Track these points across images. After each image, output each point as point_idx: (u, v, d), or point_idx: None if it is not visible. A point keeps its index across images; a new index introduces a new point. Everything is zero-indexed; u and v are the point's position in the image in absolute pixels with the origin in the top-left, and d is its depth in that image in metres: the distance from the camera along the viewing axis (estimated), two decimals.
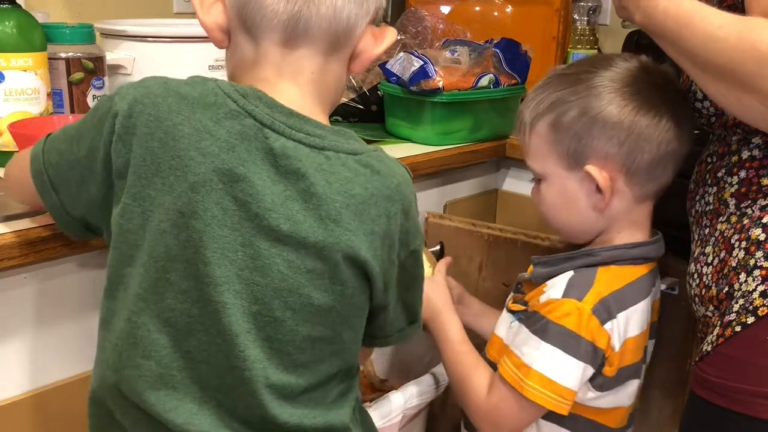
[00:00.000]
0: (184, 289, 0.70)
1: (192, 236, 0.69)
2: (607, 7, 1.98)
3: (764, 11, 0.73)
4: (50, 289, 0.90)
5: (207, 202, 0.68)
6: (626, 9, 0.85)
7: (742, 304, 0.81)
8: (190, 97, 0.69)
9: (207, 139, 0.68)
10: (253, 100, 0.70)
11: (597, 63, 0.95)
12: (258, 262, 0.70)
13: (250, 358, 0.71)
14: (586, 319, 0.88)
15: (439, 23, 1.58)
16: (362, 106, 1.48)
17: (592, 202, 0.94)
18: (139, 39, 1.25)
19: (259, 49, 0.72)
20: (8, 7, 1.04)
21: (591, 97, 0.91)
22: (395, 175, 0.75)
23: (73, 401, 0.94)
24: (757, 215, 0.83)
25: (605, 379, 0.91)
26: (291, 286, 0.71)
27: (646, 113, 0.90)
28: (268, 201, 0.68)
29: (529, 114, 0.97)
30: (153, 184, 0.68)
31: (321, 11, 0.70)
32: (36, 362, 0.91)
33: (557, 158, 0.94)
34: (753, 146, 0.86)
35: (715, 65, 0.75)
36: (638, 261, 0.95)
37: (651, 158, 0.91)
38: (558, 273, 0.95)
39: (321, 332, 0.74)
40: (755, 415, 0.79)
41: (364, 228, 0.72)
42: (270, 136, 0.69)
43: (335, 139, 0.72)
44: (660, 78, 0.93)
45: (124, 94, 0.71)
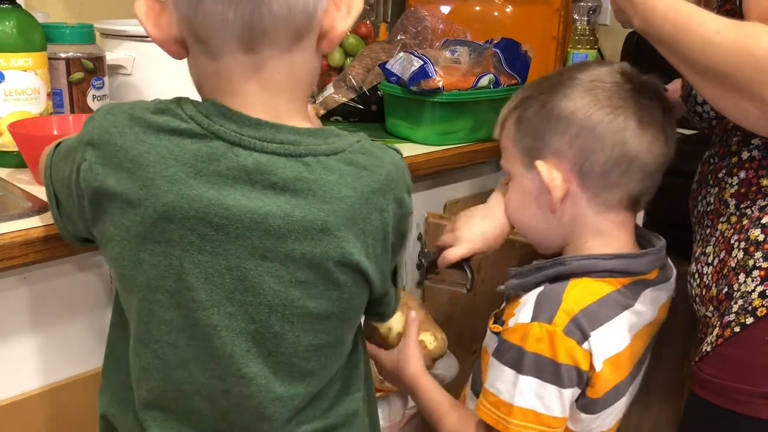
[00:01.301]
0: (167, 320, 0.69)
1: (172, 263, 0.67)
2: (607, 7, 1.98)
3: (762, 16, 0.74)
4: (50, 289, 0.90)
5: (182, 229, 0.66)
6: (625, 13, 0.85)
7: (741, 304, 0.81)
8: (155, 124, 0.66)
9: (173, 166, 0.65)
10: (217, 119, 0.66)
11: (575, 66, 0.93)
12: (247, 282, 0.68)
13: (250, 374, 0.71)
14: (560, 342, 0.82)
15: (439, 23, 1.58)
16: (362, 106, 1.48)
17: (544, 202, 0.89)
18: (139, 39, 1.25)
19: (218, 61, 0.67)
20: (8, 7, 1.04)
21: (552, 93, 0.88)
22: (383, 164, 0.72)
23: (74, 401, 0.94)
24: (756, 216, 0.84)
25: (589, 400, 0.86)
26: (285, 301, 0.69)
27: (601, 109, 0.85)
28: (246, 220, 0.66)
29: (503, 112, 0.95)
30: (126, 213, 0.67)
31: (274, 10, 0.64)
32: (35, 362, 0.91)
33: (519, 156, 0.91)
34: (752, 147, 0.86)
35: (713, 70, 0.75)
36: (615, 274, 0.88)
37: (604, 159, 0.85)
38: (530, 284, 0.89)
39: (323, 339, 0.73)
40: (754, 415, 0.79)
41: (355, 230, 0.70)
42: (240, 154, 0.66)
43: (312, 142, 0.68)
44: (635, 82, 0.88)
45: (96, 122, 0.70)
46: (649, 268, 0.91)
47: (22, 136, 0.98)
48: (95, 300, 0.94)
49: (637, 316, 0.89)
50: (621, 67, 0.90)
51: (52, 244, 0.85)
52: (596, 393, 0.84)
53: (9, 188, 1.00)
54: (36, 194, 0.95)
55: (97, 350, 0.94)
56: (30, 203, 0.92)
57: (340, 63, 1.60)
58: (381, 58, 1.48)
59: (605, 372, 0.83)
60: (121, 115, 0.68)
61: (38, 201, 0.93)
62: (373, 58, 1.50)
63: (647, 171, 0.88)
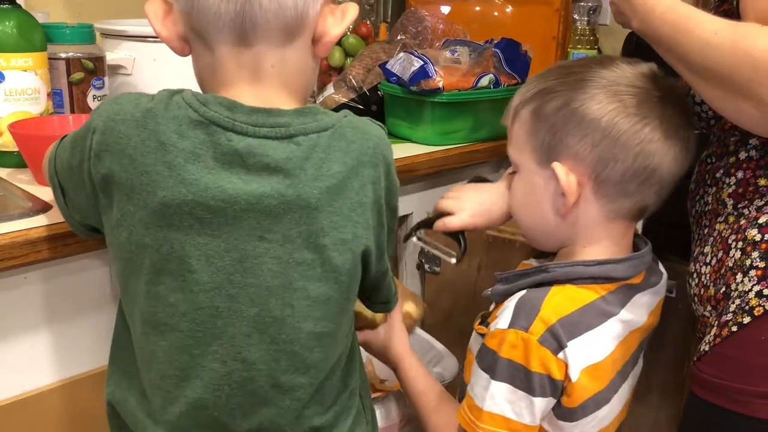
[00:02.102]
0: (172, 303, 0.71)
1: (174, 247, 0.69)
2: (607, 7, 1.98)
3: (759, 17, 0.74)
4: (50, 289, 0.90)
5: (181, 213, 0.68)
6: (624, 14, 0.85)
7: (738, 304, 0.81)
8: (156, 112, 0.69)
9: (172, 152, 0.68)
10: (213, 106, 0.69)
11: (599, 60, 0.88)
12: (246, 263, 0.70)
13: (250, 359, 0.72)
14: (534, 350, 0.81)
15: (439, 23, 1.58)
16: (362, 106, 1.48)
17: (555, 205, 0.86)
18: (139, 39, 1.25)
19: (214, 54, 0.71)
20: (8, 7, 1.05)
21: (576, 90, 0.84)
22: (371, 137, 0.75)
23: (74, 400, 0.94)
24: (754, 216, 0.84)
25: (565, 409, 0.84)
26: (284, 283, 0.71)
27: (627, 117, 0.81)
28: (242, 202, 0.68)
29: (517, 99, 0.91)
30: (131, 199, 0.69)
31: (264, 5, 0.68)
32: (35, 362, 0.91)
33: (531, 150, 0.87)
34: (750, 147, 0.86)
35: (711, 71, 0.75)
36: (599, 281, 0.86)
37: (624, 169, 0.82)
38: (514, 290, 0.87)
39: (325, 327, 0.74)
40: (753, 415, 0.79)
41: (349, 203, 0.72)
42: (233, 139, 0.68)
43: (302, 122, 0.71)
44: (661, 89, 0.85)
45: (101, 110, 0.72)
46: (633, 272, 0.89)
47: (22, 136, 0.98)
48: (96, 300, 0.94)
49: (623, 323, 0.87)
50: (649, 69, 0.86)
51: (52, 244, 0.85)
52: (573, 402, 0.83)
53: (9, 188, 1.00)
54: (36, 194, 0.95)
55: (98, 349, 0.94)
56: (30, 203, 0.93)
57: (340, 63, 1.60)
58: (381, 58, 1.48)
59: (582, 381, 0.82)
60: (126, 103, 0.71)
61: (38, 201, 0.93)
62: (373, 58, 1.50)
63: (665, 183, 0.85)
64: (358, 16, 0.78)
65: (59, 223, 0.86)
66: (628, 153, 0.82)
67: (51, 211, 0.90)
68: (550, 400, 0.83)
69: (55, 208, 0.90)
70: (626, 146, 0.82)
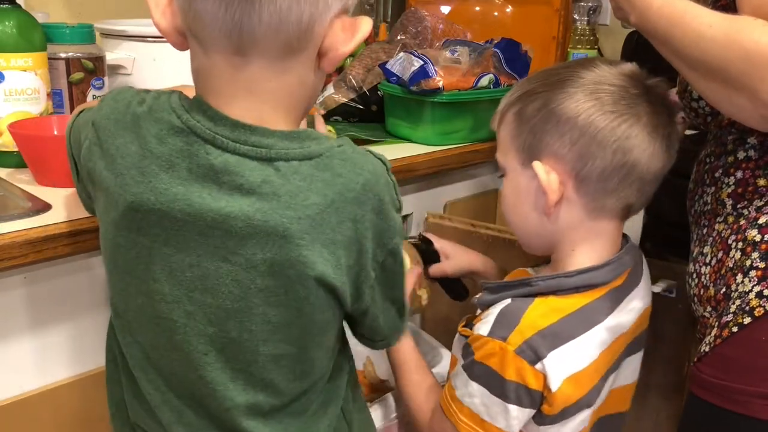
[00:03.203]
0: (139, 305, 0.70)
1: (141, 253, 0.68)
2: (607, 7, 1.99)
3: (754, 10, 0.74)
4: (50, 289, 0.90)
5: (148, 220, 0.66)
6: (622, 10, 0.85)
7: (738, 304, 0.81)
8: (141, 115, 0.67)
9: (148, 158, 0.66)
10: (196, 115, 0.66)
11: (581, 62, 0.89)
12: (207, 282, 0.67)
13: (208, 378, 0.70)
14: (511, 360, 0.81)
15: (439, 23, 1.58)
16: (362, 106, 1.48)
17: (539, 204, 0.87)
18: (139, 39, 1.25)
19: (209, 58, 0.66)
20: (8, 7, 1.04)
21: (555, 91, 0.85)
22: (361, 172, 0.68)
23: (74, 401, 0.94)
24: (754, 216, 0.84)
25: (546, 416, 0.85)
26: (244, 307, 0.68)
27: (604, 114, 0.82)
28: (209, 219, 0.65)
29: (503, 103, 0.92)
30: (107, 197, 0.68)
31: (264, 18, 0.63)
32: (35, 362, 0.91)
33: (515, 152, 0.89)
34: (748, 146, 0.86)
35: (706, 64, 0.76)
36: (582, 289, 0.86)
37: (603, 166, 0.83)
38: (498, 301, 0.88)
39: (284, 349, 0.71)
40: (753, 415, 0.79)
41: (322, 239, 0.67)
42: (211, 153, 0.65)
43: (286, 146, 0.66)
44: (640, 87, 0.85)
45: (102, 104, 0.71)
46: (613, 275, 0.89)
47: (22, 136, 0.98)
48: (95, 300, 0.94)
49: (609, 330, 0.87)
50: (629, 68, 0.87)
51: (52, 244, 0.85)
52: (553, 410, 0.83)
53: (9, 188, 1.00)
54: (36, 194, 0.95)
55: (98, 350, 0.94)
56: (30, 203, 0.92)
57: (341, 63, 1.60)
58: (381, 58, 1.48)
59: (565, 390, 0.82)
60: (122, 101, 0.70)
61: (38, 201, 0.93)
62: (373, 58, 1.50)
63: (646, 180, 0.86)
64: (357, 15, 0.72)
65: (59, 223, 0.86)
66: (606, 150, 0.82)
67: (51, 211, 0.90)
68: (528, 411, 0.83)
69: (55, 208, 0.90)
70: (604, 143, 0.82)
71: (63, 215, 0.88)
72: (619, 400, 0.96)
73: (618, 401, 0.95)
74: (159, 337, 0.71)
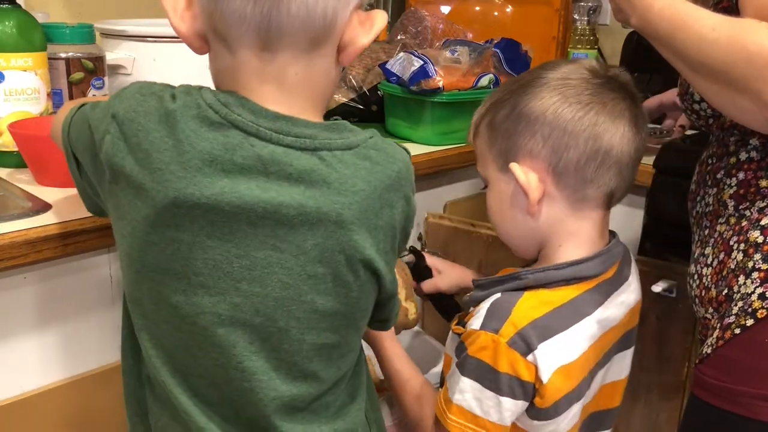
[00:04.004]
0: (174, 304, 0.69)
1: (180, 248, 0.67)
2: (607, 7, 1.98)
3: (757, 12, 0.74)
4: (50, 289, 0.90)
5: (192, 215, 0.66)
6: (623, 12, 0.85)
7: (741, 306, 0.81)
8: (176, 110, 0.67)
9: (189, 152, 0.65)
10: (236, 109, 0.67)
11: (543, 65, 0.92)
12: (255, 272, 0.68)
13: (251, 369, 0.70)
14: (503, 352, 0.82)
15: (439, 23, 1.58)
16: (362, 106, 1.48)
17: (522, 205, 0.88)
18: (139, 39, 1.25)
19: (236, 57, 0.68)
20: (8, 7, 1.04)
21: (521, 94, 0.88)
22: (395, 161, 0.73)
23: (74, 400, 0.94)
24: (756, 217, 0.84)
25: (538, 410, 0.85)
26: (293, 294, 0.69)
27: (570, 106, 0.85)
28: (259, 209, 0.66)
29: (476, 117, 0.94)
30: (139, 195, 0.67)
31: (292, 11, 0.64)
32: (35, 362, 0.91)
33: (492, 160, 0.91)
34: (751, 148, 0.86)
35: (709, 67, 0.75)
36: (572, 282, 0.87)
37: (578, 156, 0.84)
38: (488, 296, 0.88)
39: (328, 338, 0.73)
40: (755, 417, 0.79)
41: (368, 224, 0.70)
42: (256, 145, 0.66)
43: (327, 136, 0.69)
44: (601, 77, 0.87)
45: (124, 96, 0.70)
46: (604, 268, 0.90)
47: (22, 136, 0.98)
48: (96, 300, 0.94)
49: (598, 323, 0.88)
50: (589, 63, 0.90)
51: (52, 244, 0.85)
52: (545, 402, 0.84)
53: (9, 188, 1.00)
54: (36, 194, 0.95)
55: (98, 350, 0.94)
56: (30, 203, 0.92)
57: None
58: (381, 58, 1.48)
59: (555, 382, 0.83)
60: (150, 96, 0.69)
61: (38, 201, 0.93)
62: (373, 58, 1.50)
63: (622, 164, 0.87)
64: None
65: (59, 222, 0.86)
66: (578, 139, 0.84)
67: (51, 211, 0.90)
68: (521, 403, 0.84)
69: (55, 208, 0.90)
70: (575, 133, 0.84)
71: (63, 215, 0.88)
72: (610, 396, 0.96)
73: (609, 397, 0.96)
74: (194, 336, 0.70)
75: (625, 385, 0.99)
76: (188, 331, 0.70)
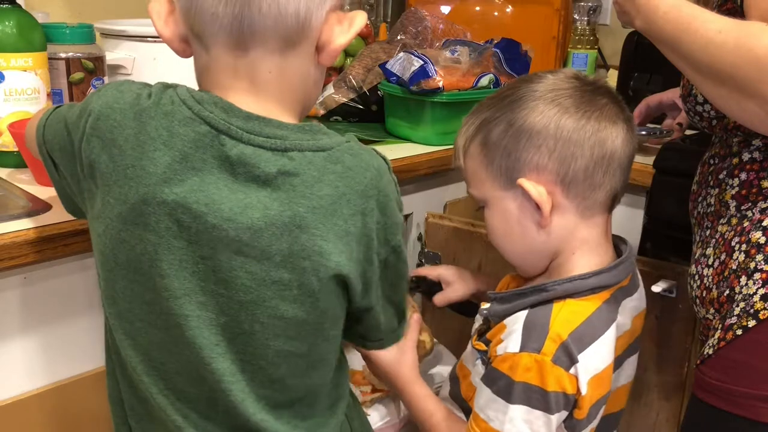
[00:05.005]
0: (147, 301, 0.69)
1: (147, 249, 0.67)
2: (607, 7, 1.99)
3: (763, 16, 0.74)
4: (50, 289, 0.90)
5: (159, 213, 0.66)
6: (627, 14, 0.85)
7: (743, 307, 0.81)
8: (150, 107, 0.67)
9: (160, 149, 0.66)
10: (209, 106, 0.67)
11: (524, 78, 0.92)
12: (220, 274, 0.68)
13: (219, 371, 0.70)
14: (549, 371, 0.82)
15: (439, 23, 1.58)
16: (362, 106, 1.48)
17: (534, 220, 0.88)
18: (139, 39, 1.25)
19: (210, 55, 0.69)
20: (8, 7, 1.04)
21: (514, 110, 0.87)
22: (368, 168, 0.71)
23: (74, 401, 0.94)
24: (758, 218, 0.83)
25: (576, 421, 0.86)
26: (256, 299, 0.68)
27: (571, 116, 0.85)
28: (225, 210, 0.66)
29: (462, 140, 0.93)
30: (112, 191, 0.67)
31: (263, 10, 0.65)
32: (36, 362, 0.91)
33: (493, 179, 0.89)
34: (753, 148, 0.86)
35: (715, 70, 0.75)
36: (597, 290, 0.87)
37: (586, 164, 0.85)
38: (513, 311, 0.88)
39: (294, 346, 0.72)
40: (757, 419, 0.78)
41: (336, 230, 0.69)
42: (226, 143, 0.66)
43: (299, 137, 0.68)
44: (589, 84, 0.88)
45: (102, 94, 0.71)
46: (625, 275, 0.90)
47: (22, 136, 0.97)
48: (95, 300, 0.94)
49: (617, 327, 0.89)
50: (571, 71, 0.91)
51: (52, 244, 0.85)
52: (582, 413, 0.84)
53: (9, 188, 1.00)
54: (36, 194, 0.95)
55: (98, 350, 0.94)
56: (30, 203, 0.93)
57: (340, 63, 1.60)
58: (381, 58, 1.48)
59: (589, 392, 0.83)
60: (127, 92, 0.70)
61: (38, 201, 0.93)
62: (373, 58, 1.50)
63: (624, 165, 0.88)
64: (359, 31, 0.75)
65: (59, 223, 0.86)
66: (584, 147, 0.85)
67: (51, 211, 0.90)
68: (563, 414, 0.84)
69: (55, 208, 0.90)
70: (580, 142, 0.85)
71: (63, 215, 0.88)
72: (619, 399, 0.97)
73: (618, 400, 0.96)
74: (168, 334, 0.70)
75: (630, 388, 0.99)
76: (162, 328, 0.70)
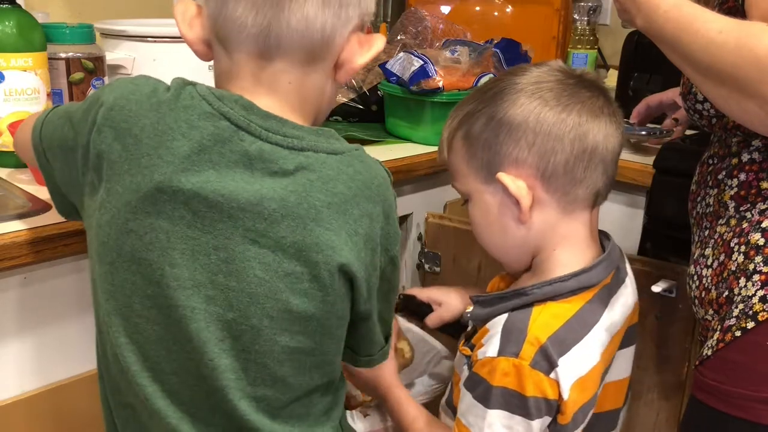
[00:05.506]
0: (149, 295, 0.69)
1: (158, 236, 0.68)
2: (607, 7, 1.99)
3: (764, 16, 0.73)
4: (50, 289, 0.90)
5: (175, 201, 0.67)
6: (628, 12, 0.85)
7: (741, 308, 0.81)
8: (169, 99, 0.69)
9: (179, 140, 0.67)
10: (229, 103, 0.68)
11: (509, 71, 0.91)
12: (232, 265, 0.68)
13: (220, 368, 0.70)
14: (527, 375, 0.80)
15: (439, 23, 1.58)
16: (362, 106, 1.48)
17: (513, 215, 0.86)
18: (139, 39, 1.25)
19: (233, 61, 0.71)
20: (8, 7, 1.04)
21: (496, 103, 0.86)
22: (377, 176, 0.74)
23: (74, 401, 0.94)
24: (757, 219, 0.83)
25: (561, 426, 0.84)
26: (268, 291, 0.69)
27: (551, 109, 0.83)
28: (242, 200, 0.67)
29: (446, 133, 0.92)
30: (122, 180, 0.68)
31: (292, 24, 0.68)
32: (36, 362, 0.91)
33: (474, 173, 0.88)
34: (753, 149, 0.86)
35: (716, 70, 0.75)
36: (577, 292, 0.86)
37: (566, 158, 0.84)
38: (494, 314, 0.87)
39: (300, 342, 0.72)
40: (756, 420, 0.78)
41: (347, 228, 0.70)
42: (245, 139, 0.68)
43: (314, 140, 0.70)
44: (573, 77, 0.87)
45: (114, 86, 0.72)
46: (606, 274, 0.89)
47: None
48: None
49: (606, 330, 0.87)
50: (557, 64, 0.90)
51: (52, 244, 0.85)
52: (566, 419, 0.83)
53: (9, 188, 1.00)
54: (36, 194, 0.95)
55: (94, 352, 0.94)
56: (30, 203, 0.93)
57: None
58: (381, 58, 1.48)
59: (572, 396, 0.82)
60: (143, 85, 0.71)
61: (38, 201, 0.93)
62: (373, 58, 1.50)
63: (606, 161, 0.86)
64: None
65: (60, 222, 0.86)
66: (564, 141, 0.84)
67: (51, 211, 0.89)
68: (546, 419, 0.83)
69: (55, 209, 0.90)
70: (560, 136, 0.84)
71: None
72: (613, 396, 0.95)
73: (611, 397, 0.94)
74: (168, 330, 0.70)
75: (627, 385, 0.98)
76: (163, 324, 0.70)
